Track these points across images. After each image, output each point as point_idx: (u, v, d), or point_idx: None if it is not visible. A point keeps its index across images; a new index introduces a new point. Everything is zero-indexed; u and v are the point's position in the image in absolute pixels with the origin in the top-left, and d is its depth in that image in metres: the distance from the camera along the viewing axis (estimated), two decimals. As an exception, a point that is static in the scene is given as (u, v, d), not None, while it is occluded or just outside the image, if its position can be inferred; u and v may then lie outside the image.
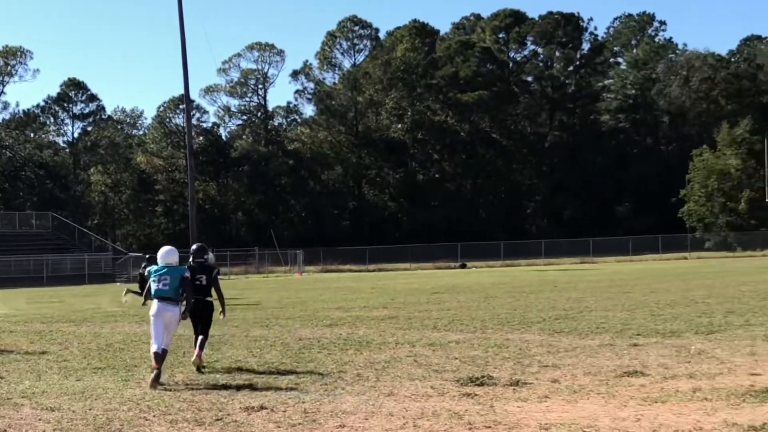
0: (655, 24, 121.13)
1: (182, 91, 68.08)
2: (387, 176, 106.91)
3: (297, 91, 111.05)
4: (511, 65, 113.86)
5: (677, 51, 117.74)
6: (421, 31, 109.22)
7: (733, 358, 12.74)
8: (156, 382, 11.69)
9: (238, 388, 11.31)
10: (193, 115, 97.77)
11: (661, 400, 9.74)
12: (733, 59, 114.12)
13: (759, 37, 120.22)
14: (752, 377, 11.00)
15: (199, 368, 12.97)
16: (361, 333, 17.79)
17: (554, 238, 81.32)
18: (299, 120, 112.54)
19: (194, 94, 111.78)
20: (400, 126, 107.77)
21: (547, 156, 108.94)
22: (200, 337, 13.21)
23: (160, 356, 12.04)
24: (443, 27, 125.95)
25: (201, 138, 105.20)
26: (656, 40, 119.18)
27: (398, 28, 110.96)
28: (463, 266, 66.93)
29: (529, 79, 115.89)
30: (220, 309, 13.57)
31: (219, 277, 13.84)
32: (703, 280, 34.92)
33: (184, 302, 12.72)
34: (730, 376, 11.11)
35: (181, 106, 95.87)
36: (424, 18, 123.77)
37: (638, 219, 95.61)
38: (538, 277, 44.28)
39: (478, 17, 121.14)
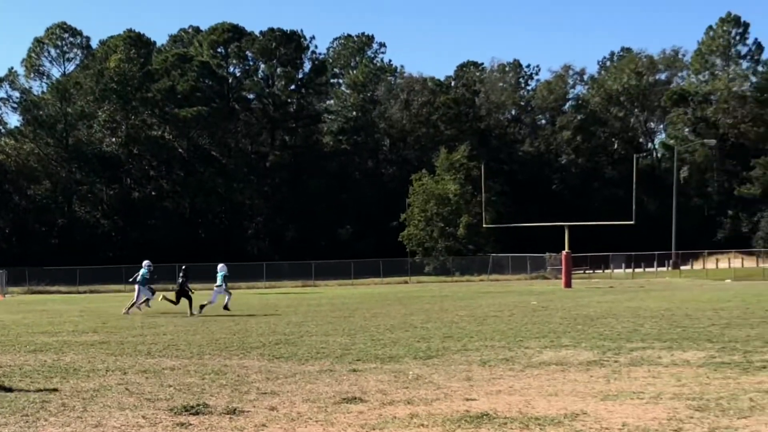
0: (375, 46, 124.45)
1: None
2: (100, 192, 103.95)
3: (1, 100, 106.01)
4: (231, 81, 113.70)
5: (396, 74, 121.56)
6: (136, 41, 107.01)
7: (450, 383, 13.19)
8: None
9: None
10: None
11: (378, 426, 9.93)
12: (452, 84, 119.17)
13: (475, 63, 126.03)
14: (467, 402, 11.41)
15: None
16: (68, 359, 17.13)
17: (276, 261, 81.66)
18: (3, 130, 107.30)
19: None
20: (114, 140, 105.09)
21: (269, 176, 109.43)
22: None
23: None
24: (160, 38, 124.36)
25: None
26: (375, 62, 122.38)
27: (112, 37, 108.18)
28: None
29: (250, 96, 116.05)
30: None
31: None
32: (423, 305, 36.03)
33: None
34: (447, 402, 11.49)
35: None
36: (139, 28, 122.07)
37: (360, 242, 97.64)
38: (259, 300, 44.32)
39: (196, 30, 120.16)
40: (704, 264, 78.42)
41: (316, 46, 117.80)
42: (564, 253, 58.99)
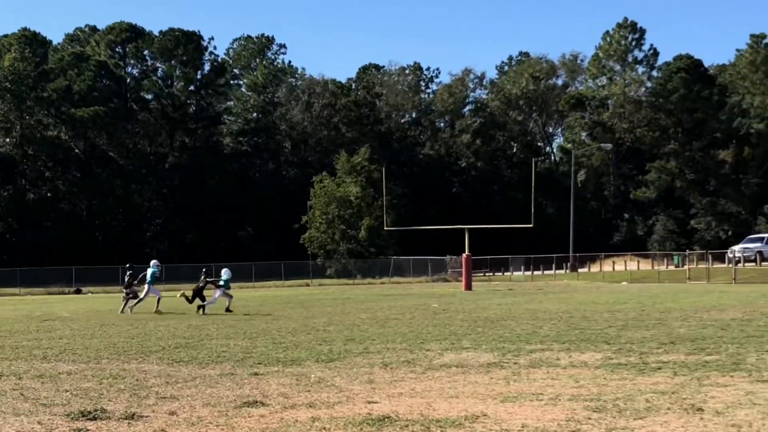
0: (275, 47, 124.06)
1: None
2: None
3: None
4: (129, 81, 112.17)
5: (297, 75, 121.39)
6: (31, 40, 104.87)
7: (352, 386, 13.20)
8: None
9: None
10: None
11: (280, 430, 9.90)
12: (353, 87, 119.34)
13: (376, 66, 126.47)
14: (369, 405, 11.43)
15: None
16: (-40, 366, 16.71)
17: (175, 263, 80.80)
18: None
19: None
20: (8, 140, 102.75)
21: (168, 177, 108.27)
22: None
23: None
24: (56, 37, 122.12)
25: None
26: (276, 63, 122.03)
27: (6, 35, 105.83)
28: (78, 291, 64.95)
29: (149, 96, 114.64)
30: None
31: None
32: (324, 308, 35.99)
33: None
34: (349, 405, 11.49)
35: None
36: (35, 27, 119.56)
37: (261, 245, 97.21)
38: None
39: (93, 29, 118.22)
40: (601, 266, 79.77)
41: (215, 47, 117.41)
42: (464, 255, 59.46)
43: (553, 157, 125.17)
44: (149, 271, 35.31)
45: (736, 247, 70.66)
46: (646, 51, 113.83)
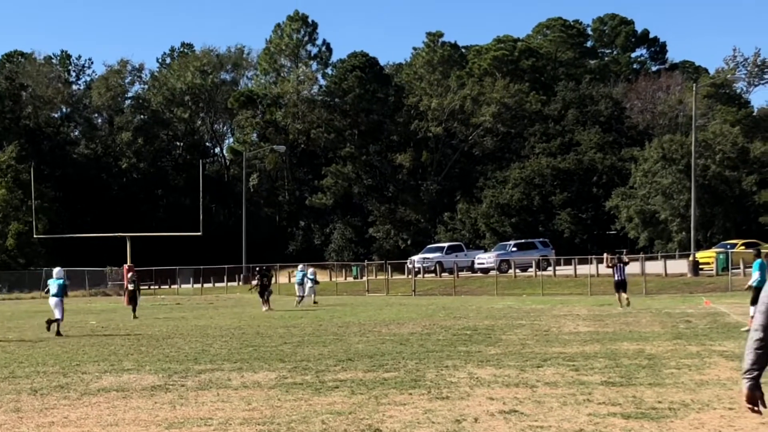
0: None
1: None
2: None
3: None
4: None
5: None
6: None
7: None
8: None
9: None
10: None
11: None
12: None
13: (22, 53, 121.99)
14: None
15: None
16: None
17: None
18: None
19: None
20: None
21: None
22: None
23: None
24: None
25: None
26: None
27: None
28: None
29: None
30: None
31: None
32: (-39, 327, 34.62)
33: None
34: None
35: None
36: None
37: None
38: None
39: None
40: (277, 278, 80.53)
41: None
42: (126, 266, 58.62)
43: (223, 159, 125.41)
44: (300, 275, 47.88)
45: (416, 258, 73.12)
46: (320, 46, 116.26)
